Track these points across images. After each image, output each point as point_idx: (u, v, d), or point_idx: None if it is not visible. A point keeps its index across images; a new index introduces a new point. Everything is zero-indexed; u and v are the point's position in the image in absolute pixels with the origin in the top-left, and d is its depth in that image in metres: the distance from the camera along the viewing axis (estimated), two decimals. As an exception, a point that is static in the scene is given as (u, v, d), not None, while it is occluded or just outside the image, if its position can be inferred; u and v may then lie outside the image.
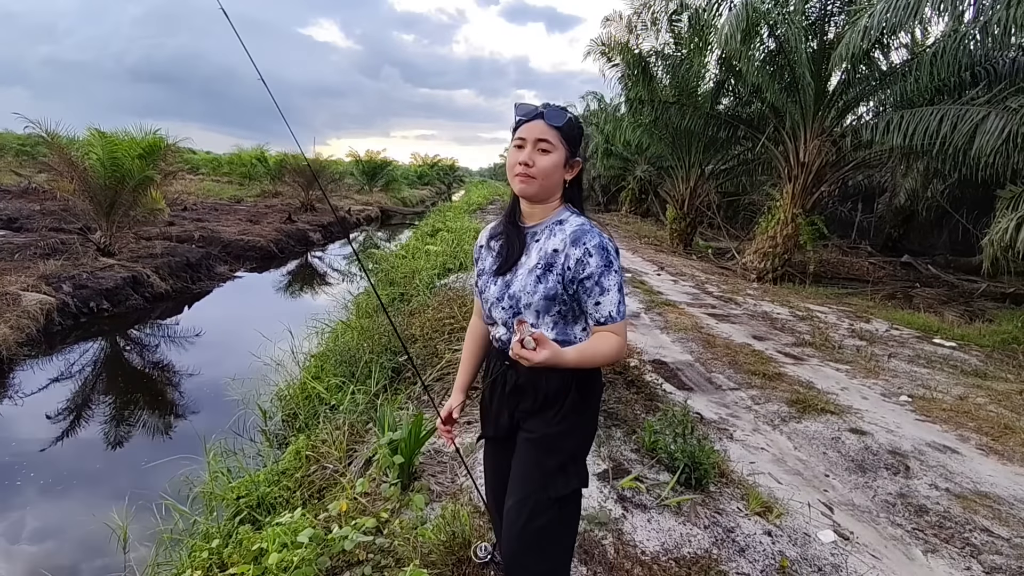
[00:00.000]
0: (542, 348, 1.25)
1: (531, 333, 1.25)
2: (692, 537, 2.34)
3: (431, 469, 2.61)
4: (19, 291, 5.94)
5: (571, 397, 1.42)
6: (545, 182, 1.39)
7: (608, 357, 1.40)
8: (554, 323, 1.42)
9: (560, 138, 1.39)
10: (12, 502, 3.36)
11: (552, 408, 1.43)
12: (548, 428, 1.43)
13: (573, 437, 1.46)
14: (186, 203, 14.97)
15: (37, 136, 8.17)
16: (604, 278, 1.35)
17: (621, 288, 1.37)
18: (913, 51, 9.01)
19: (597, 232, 1.37)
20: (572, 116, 1.41)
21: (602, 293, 1.36)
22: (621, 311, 1.37)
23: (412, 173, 40.22)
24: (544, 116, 1.38)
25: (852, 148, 9.68)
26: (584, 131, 1.49)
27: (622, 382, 3.92)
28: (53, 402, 4.58)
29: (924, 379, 5.11)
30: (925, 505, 2.97)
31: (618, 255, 1.39)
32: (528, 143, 1.39)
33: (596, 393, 1.51)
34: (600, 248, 1.35)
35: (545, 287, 1.38)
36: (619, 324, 1.38)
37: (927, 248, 13.97)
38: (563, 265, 1.37)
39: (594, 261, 1.34)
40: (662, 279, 9.69)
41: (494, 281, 1.48)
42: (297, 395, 4.15)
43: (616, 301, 1.36)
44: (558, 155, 1.39)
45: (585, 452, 1.51)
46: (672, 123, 12.32)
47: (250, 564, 1.98)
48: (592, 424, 1.52)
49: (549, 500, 1.39)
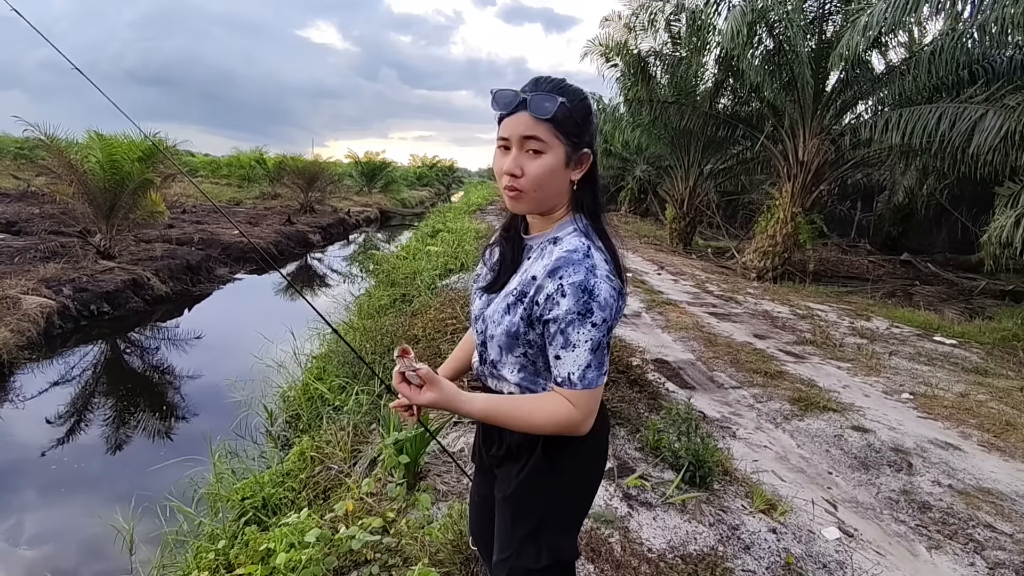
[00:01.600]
0: (429, 388, 1.05)
1: (414, 368, 1.03)
2: (698, 535, 2.34)
3: (437, 469, 2.61)
4: (19, 294, 5.93)
5: (536, 455, 1.16)
6: (540, 193, 1.07)
7: (540, 425, 1.07)
8: (519, 367, 1.14)
9: (554, 131, 1.04)
10: (17, 505, 3.36)
11: (517, 462, 1.19)
12: (512, 485, 1.19)
13: (543, 502, 1.17)
14: (185, 206, 14.96)
15: (36, 139, 8.16)
16: (572, 329, 1.01)
17: (599, 349, 1.02)
18: (911, 50, 9.05)
19: (587, 266, 1.02)
20: (568, 95, 1.06)
21: (565, 347, 1.02)
22: (587, 378, 1.03)
23: (411, 174, 40.22)
24: (528, 106, 1.03)
25: (851, 147, 9.71)
26: (591, 108, 1.11)
27: (625, 381, 3.92)
28: (54, 405, 4.57)
29: (925, 376, 5.12)
30: (928, 502, 2.98)
31: (612, 304, 1.03)
32: (513, 144, 1.06)
33: (576, 456, 1.17)
34: (578, 289, 1.00)
35: (509, 320, 1.09)
36: (580, 394, 1.04)
37: (926, 246, 14.00)
38: (532, 298, 1.06)
39: (565, 303, 1.01)
40: (662, 278, 9.70)
41: (479, 295, 1.23)
42: (300, 396, 4.15)
43: (582, 364, 1.02)
44: (554, 155, 1.05)
45: (564, 523, 1.20)
46: (671, 123, 12.35)
47: (258, 564, 1.99)
48: (572, 490, 1.20)
49: (525, 570, 1.17)
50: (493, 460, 1.26)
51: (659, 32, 12.05)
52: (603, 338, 1.03)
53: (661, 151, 15.18)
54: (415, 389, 1.06)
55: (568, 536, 1.20)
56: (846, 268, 12.45)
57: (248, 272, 10.37)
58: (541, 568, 1.16)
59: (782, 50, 9.52)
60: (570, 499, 1.21)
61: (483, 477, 1.36)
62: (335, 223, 16.79)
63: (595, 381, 1.04)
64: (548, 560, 1.15)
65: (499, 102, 1.07)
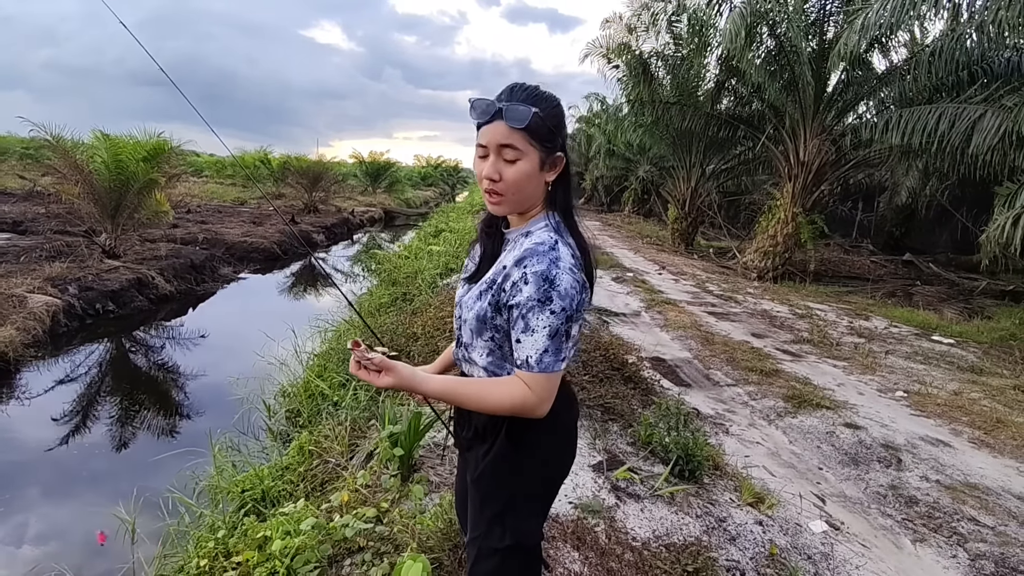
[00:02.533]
0: (386, 373, 1.10)
1: (368, 358, 1.10)
2: (684, 525, 2.40)
3: (430, 461, 2.68)
4: (25, 293, 6.02)
5: (500, 440, 1.21)
6: (518, 196, 1.15)
7: (496, 405, 1.12)
8: (488, 351, 1.19)
9: (528, 139, 1.10)
10: (23, 499, 3.44)
11: (484, 444, 1.25)
12: (479, 467, 1.25)
13: (508, 486, 1.23)
14: (190, 205, 15.07)
15: (41, 139, 8.26)
16: (532, 315, 1.07)
17: (557, 336, 1.07)
18: (912, 50, 9.06)
19: (551, 258, 1.08)
20: (541, 103, 1.12)
21: (525, 331, 1.08)
22: (544, 362, 1.08)
23: (416, 174, 40.33)
24: (504, 115, 1.09)
25: (852, 147, 9.74)
26: (563, 113, 1.18)
27: (620, 378, 3.98)
28: (60, 403, 4.65)
29: (920, 375, 5.16)
30: (915, 496, 3.03)
31: (572, 295, 1.08)
32: (491, 151, 1.13)
33: (540, 443, 1.23)
34: (540, 278, 1.06)
35: (479, 306, 1.16)
36: (536, 376, 1.09)
37: (929, 246, 14.00)
38: (500, 285, 1.13)
39: (527, 290, 1.07)
40: (663, 278, 9.75)
41: (463, 285, 1.30)
42: (301, 393, 4.22)
43: (539, 348, 1.07)
44: (529, 161, 1.12)
45: (528, 508, 1.26)
46: (673, 123, 12.40)
47: (255, 551, 2.05)
48: (537, 477, 1.26)
49: (491, 549, 1.23)
50: (464, 442, 1.33)
51: (661, 33, 12.12)
52: (561, 326, 1.08)
53: (664, 152, 15.23)
54: (374, 375, 1.11)
55: (531, 521, 1.27)
56: (847, 268, 12.47)
57: (251, 271, 10.47)
58: (505, 547, 1.22)
59: (783, 51, 9.56)
60: (534, 485, 1.26)
61: (464, 461, 1.42)
62: (339, 223, 16.88)
63: (551, 366, 1.09)
64: (511, 541, 1.22)
65: (476, 111, 1.14)
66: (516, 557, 1.25)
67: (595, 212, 27.14)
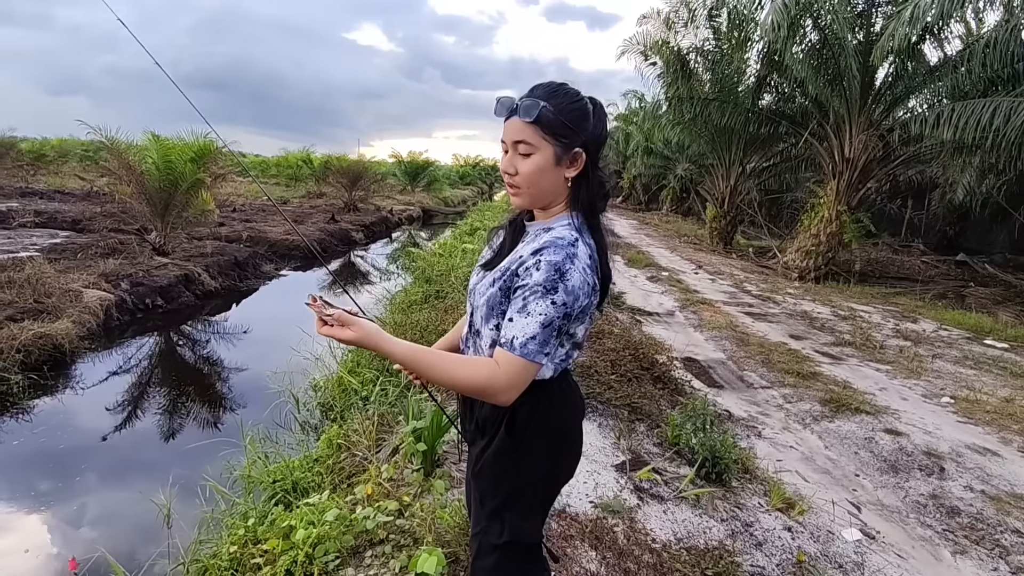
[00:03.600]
0: (349, 328, 1.07)
1: (329, 313, 1.07)
2: (708, 529, 2.36)
3: (453, 457, 2.70)
4: (81, 288, 6.33)
5: (500, 435, 1.22)
6: (533, 190, 1.16)
7: (459, 381, 1.10)
8: (492, 340, 1.18)
9: (541, 133, 1.11)
10: (70, 483, 3.62)
11: (484, 437, 1.26)
12: (479, 463, 1.26)
13: (507, 483, 1.23)
14: (235, 204, 15.57)
15: (99, 142, 8.67)
16: (533, 299, 1.06)
17: (549, 327, 1.06)
18: (966, 42, 8.65)
19: (568, 252, 1.08)
20: (557, 98, 1.12)
21: (520, 311, 1.07)
22: (527, 348, 1.06)
23: (454, 173, 40.63)
24: (518, 111, 1.12)
25: (901, 143, 9.33)
26: (588, 109, 1.16)
27: (649, 378, 3.93)
28: (111, 392, 4.89)
29: (969, 380, 4.92)
30: (958, 507, 2.90)
31: (578, 294, 1.08)
32: (508, 146, 1.16)
33: (540, 442, 1.22)
34: (553, 267, 1.06)
35: (491, 292, 1.17)
36: (512, 358, 1.07)
37: (985, 246, 13.34)
38: (514, 272, 1.13)
39: (536, 276, 1.07)
40: (699, 277, 9.58)
41: (478, 271, 1.29)
42: (333, 387, 4.32)
43: (529, 332, 1.06)
44: (542, 155, 1.13)
45: (526, 506, 1.25)
46: (712, 120, 12.12)
47: (280, 540, 2.12)
48: (535, 476, 1.24)
49: (491, 545, 1.24)
50: (467, 435, 1.34)
51: (699, 28, 11.89)
52: (557, 319, 1.07)
53: (702, 149, 14.93)
54: (337, 328, 1.07)
55: (529, 520, 1.26)
56: (896, 269, 12.00)
57: (292, 269, 10.74)
58: (502, 544, 1.22)
59: (828, 43, 9.24)
60: (533, 483, 1.25)
61: (470, 455, 1.42)
62: (378, 221, 17.15)
63: (533, 355, 1.07)
64: (509, 537, 1.22)
65: (499, 109, 1.17)
66: (515, 554, 1.24)
67: (632, 210, 26.86)
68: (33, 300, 5.69)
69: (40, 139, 24.60)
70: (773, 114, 11.78)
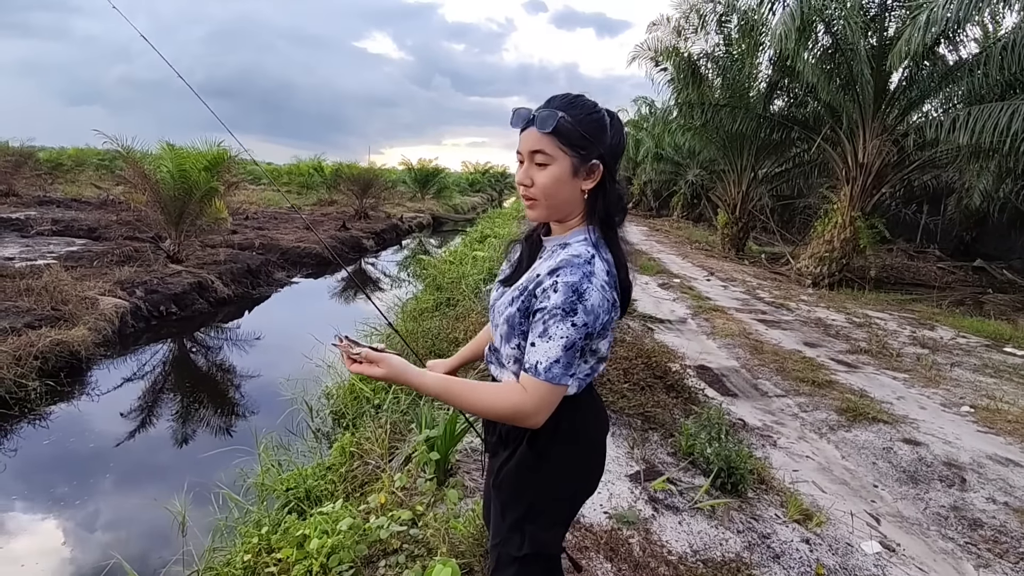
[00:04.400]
0: (377, 365, 1.10)
1: (356, 352, 1.10)
2: (724, 541, 2.32)
3: (466, 466, 2.69)
4: (97, 295, 6.40)
5: (522, 448, 1.21)
6: (551, 201, 1.15)
7: (490, 408, 1.11)
8: (514, 359, 1.18)
9: (558, 144, 1.10)
10: (86, 488, 3.65)
11: (507, 449, 1.25)
12: (501, 475, 1.25)
13: (529, 494, 1.23)
14: (247, 212, 15.70)
15: (114, 151, 8.79)
16: (553, 322, 1.06)
17: (571, 349, 1.06)
18: (983, 45, 8.56)
19: (585, 272, 1.07)
20: (574, 109, 1.12)
21: (542, 336, 1.07)
22: (552, 372, 1.06)
23: (463, 180, 40.76)
24: (535, 122, 1.11)
25: (916, 147, 9.23)
26: (605, 121, 1.15)
27: (661, 386, 3.90)
28: (126, 399, 4.93)
29: (990, 389, 4.84)
30: (980, 519, 2.84)
31: (598, 313, 1.07)
32: (524, 157, 1.15)
33: (563, 454, 1.22)
34: (570, 288, 1.05)
35: (509, 311, 1.16)
36: (538, 383, 1.07)
37: (1003, 252, 13.13)
38: (531, 292, 1.12)
39: (555, 298, 1.06)
40: (711, 284, 9.52)
41: (497, 287, 1.30)
42: (345, 395, 4.32)
43: (552, 356, 1.05)
44: (559, 166, 1.11)
45: (548, 518, 1.24)
46: (723, 126, 12.08)
47: (293, 548, 2.11)
48: (558, 488, 1.24)
49: (510, 557, 1.23)
50: (489, 446, 1.34)
51: (710, 34, 11.85)
52: (579, 340, 1.07)
53: (713, 155, 14.86)
54: (367, 366, 1.11)
55: (551, 532, 1.25)
56: (912, 275, 11.85)
57: (304, 276, 10.81)
58: (522, 556, 1.21)
59: (840, 48, 9.19)
60: (555, 496, 1.24)
61: (491, 466, 1.42)
62: (388, 228, 17.23)
63: (558, 378, 1.07)
64: (529, 550, 1.21)
65: (515, 120, 1.16)
66: (535, 566, 1.24)
67: (643, 217, 26.77)
68: (51, 307, 5.76)
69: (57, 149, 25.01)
70: (785, 119, 11.72)
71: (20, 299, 5.84)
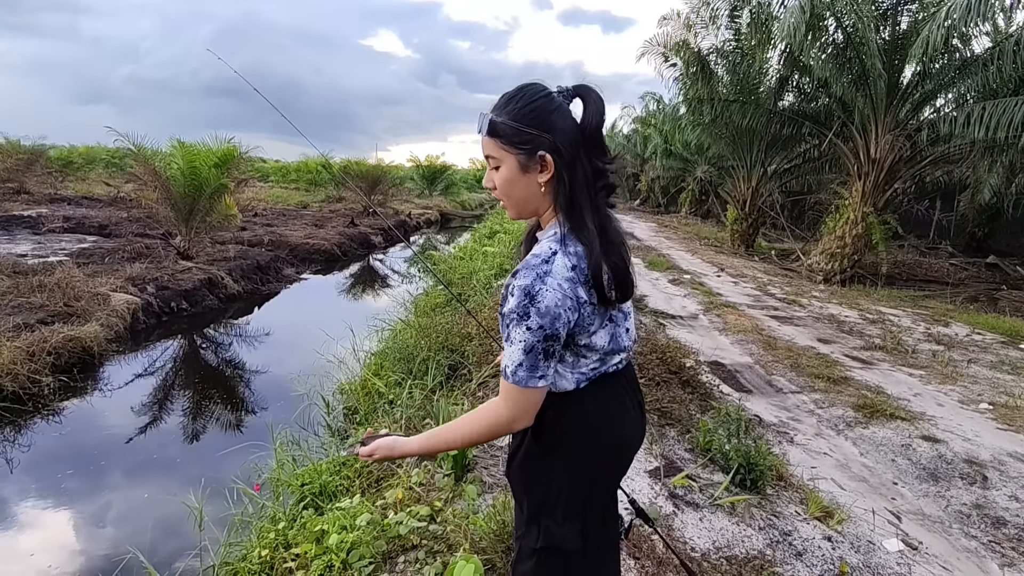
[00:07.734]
0: (379, 452, 1.25)
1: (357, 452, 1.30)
2: (746, 538, 2.30)
3: (484, 462, 2.67)
4: (108, 292, 6.42)
5: (527, 440, 1.21)
6: (511, 201, 1.16)
7: (476, 433, 1.15)
8: None
9: (500, 145, 1.11)
10: (101, 483, 3.66)
11: (514, 440, 1.26)
12: (512, 468, 1.26)
13: (537, 487, 1.22)
14: (257, 209, 15.74)
15: (125, 149, 8.82)
16: (513, 326, 1.06)
17: (532, 352, 1.05)
18: (996, 39, 8.45)
19: (539, 272, 1.05)
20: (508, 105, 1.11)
21: (507, 340, 1.08)
22: (518, 375, 1.06)
23: (471, 177, 40.72)
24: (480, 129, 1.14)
25: (929, 142, 9.13)
26: (550, 105, 1.10)
27: (677, 382, 3.87)
28: (138, 394, 4.94)
29: (1008, 386, 4.78)
30: (1003, 517, 2.80)
31: (554, 312, 1.04)
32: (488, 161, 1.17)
33: (568, 448, 1.20)
34: (522, 292, 1.04)
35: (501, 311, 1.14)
36: (508, 386, 1.08)
37: (1016, 248, 13.01)
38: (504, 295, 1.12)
39: (511, 303, 1.06)
40: (722, 280, 9.46)
41: None
42: (358, 391, 4.31)
43: (515, 360, 1.06)
44: (507, 166, 1.12)
45: (560, 512, 1.20)
46: (733, 121, 11.98)
47: (312, 544, 2.10)
48: (567, 481, 1.20)
49: (529, 549, 1.23)
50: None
51: (720, 29, 11.77)
52: (538, 343, 1.04)
53: (723, 151, 14.78)
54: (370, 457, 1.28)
55: (565, 526, 1.20)
56: (924, 271, 11.75)
57: (313, 272, 10.82)
58: (539, 548, 1.20)
59: (851, 43, 9.09)
60: (568, 490, 1.20)
61: None
62: (396, 225, 17.24)
63: (525, 380, 1.06)
64: (544, 542, 1.19)
65: (478, 125, 1.16)
66: (553, 559, 1.21)
67: (651, 213, 26.69)
68: (63, 304, 5.78)
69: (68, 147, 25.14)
70: (795, 114, 11.62)
71: (33, 296, 5.86)
